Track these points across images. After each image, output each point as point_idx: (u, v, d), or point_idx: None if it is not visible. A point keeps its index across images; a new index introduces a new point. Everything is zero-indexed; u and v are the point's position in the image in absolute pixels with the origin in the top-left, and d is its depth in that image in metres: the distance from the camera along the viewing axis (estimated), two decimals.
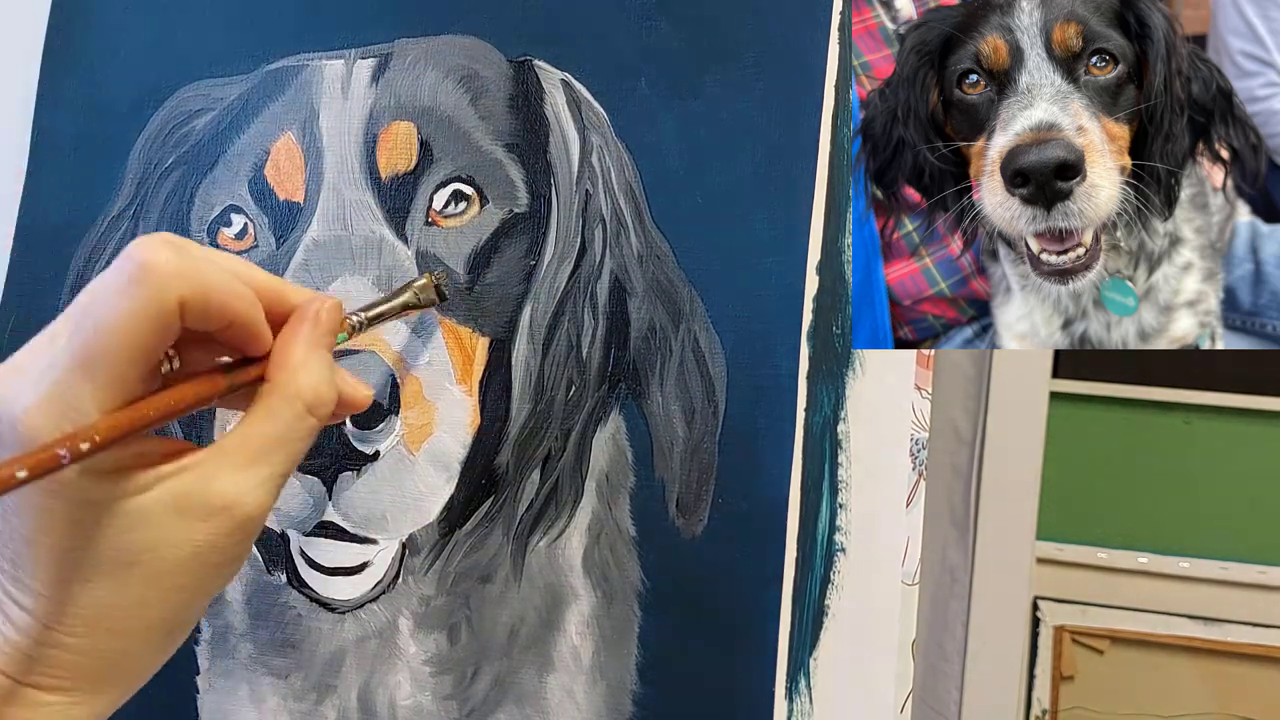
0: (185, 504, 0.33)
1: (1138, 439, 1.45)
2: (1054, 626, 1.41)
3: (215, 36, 0.61)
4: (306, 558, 0.55)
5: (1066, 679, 1.40)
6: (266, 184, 0.57)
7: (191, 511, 0.33)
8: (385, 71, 0.57)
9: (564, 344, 0.53)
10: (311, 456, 0.53)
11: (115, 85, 0.62)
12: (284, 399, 0.36)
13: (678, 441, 0.52)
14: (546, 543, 0.53)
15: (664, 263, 0.53)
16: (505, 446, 0.53)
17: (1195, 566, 1.41)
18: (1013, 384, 0.62)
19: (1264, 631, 1.37)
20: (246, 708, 0.56)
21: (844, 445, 0.51)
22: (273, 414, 0.35)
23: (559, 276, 0.53)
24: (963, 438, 0.63)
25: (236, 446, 0.34)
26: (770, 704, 0.50)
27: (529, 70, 0.55)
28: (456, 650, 0.54)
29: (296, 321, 0.37)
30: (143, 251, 0.32)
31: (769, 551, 0.50)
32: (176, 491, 0.33)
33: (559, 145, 0.54)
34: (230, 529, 0.33)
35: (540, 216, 0.54)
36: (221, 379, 0.36)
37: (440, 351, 0.54)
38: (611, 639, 0.52)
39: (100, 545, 0.32)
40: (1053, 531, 1.43)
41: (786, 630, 0.50)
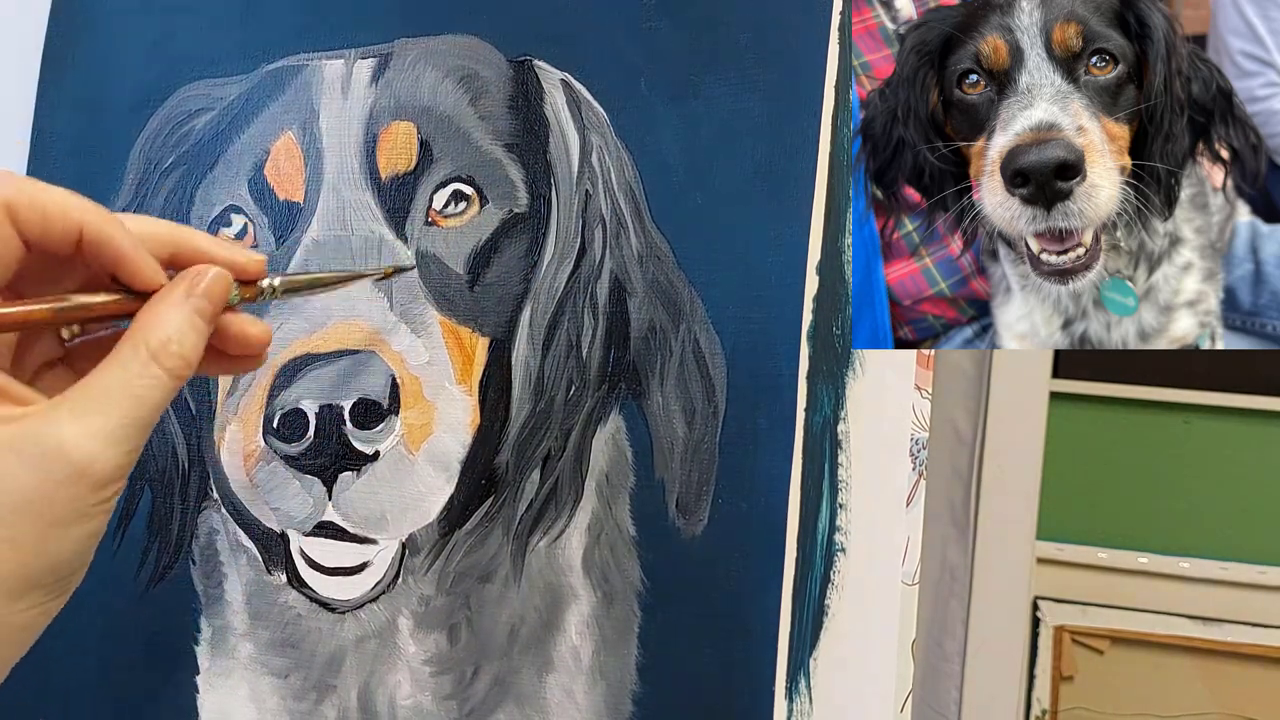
0: (19, 447, 0.32)
1: (1138, 439, 1.45)
2: (1054, 626, 1.41)
3: (215, 36, 0.61)
4: (306, 558, 0.55)
5: (1066, 679, 1.40)
6: (266, 184, 0.57)
7: (24, 455, 0.32)
8: (385, 71, 0.57)
9: (564, 344, 0.53)
10: (312, 456, 0.53)
11: (115, 85, 0.62)
12: (131, 346, 0.35)
13: (678, 441, 0.52)
14: (546, 543, 0.53)
15: (664, 263, 0.53)
16: (505, 446, 0.53)
17: (1195, 566, 1.41)
18: (1013, 384, 0.62)
19: (1263, 631, 1.37)
20: (246, 708, 0.56)
21: (844, 445, 0.51)
22: (119, 361, 0.35)
23: (559, 276, 0.53)
24: (963, 438, 0.63)
25: (77, 393, 0.34)
26: (770, 704, 0.50)
27: (529, 70, 0.55)
28: (456, 650, 0.54)
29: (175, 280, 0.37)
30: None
31: (769, 551, 0.50)
32: (13, 434, 0.32)
33: (559, 145, 0.54)
34: (65, 477, 0.32)
35: (540, 216, 0.54)
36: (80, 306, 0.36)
37: (440, 351, 0.54)
38: (611, 639, 0.52)
39: None
40: (1053, 531, 1.43)
41: (786, 630, 0.50)
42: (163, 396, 0.35)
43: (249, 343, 0.39)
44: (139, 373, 0.35)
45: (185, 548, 0.58)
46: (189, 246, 0.38)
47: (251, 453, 0.55)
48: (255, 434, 0.55)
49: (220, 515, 0.57)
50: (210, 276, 0.37)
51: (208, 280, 0.37)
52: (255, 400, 0.55)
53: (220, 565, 0.58)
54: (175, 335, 0.35)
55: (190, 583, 0.58)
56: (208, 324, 0.37)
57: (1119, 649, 1.41)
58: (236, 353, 0.40)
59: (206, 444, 0.58)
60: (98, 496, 0.33)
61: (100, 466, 0.33)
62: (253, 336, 0.40)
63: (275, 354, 0.54)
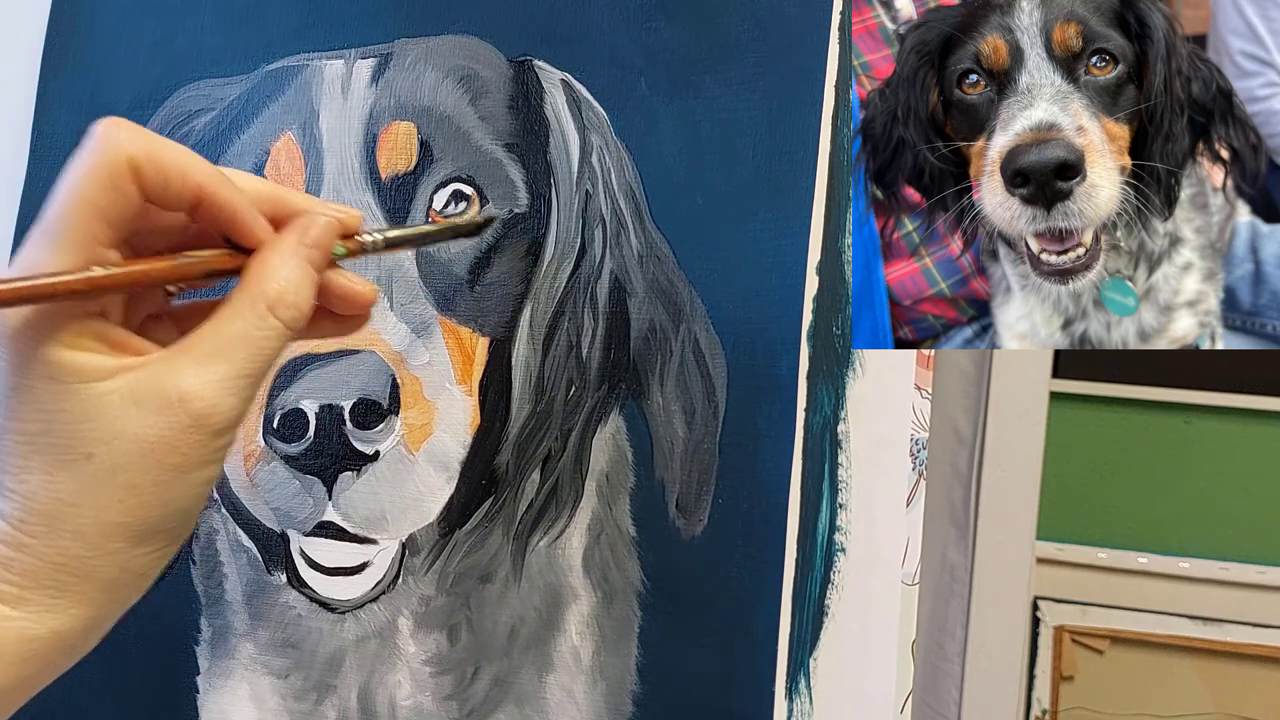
0: (141, 395, 0.33)
1: (1138, 439, 1.45)
2: (1054, 626, 1.41)
3: (215, 36, 0.61)
4: (307, 558, 0.55)
5: (1066, 679, 1.40)
6: None
7: (146, 403, 0.33)
8: (385, 71, 0.57)
9: (564, 344, 0.53)
10: (312, 456, 0.53)
11: (115, 85, 0.62)
12: (248, 298, 0.35)
13: (678, 441, 0.52)
14: (546, 543, 0.53)
15: (664, 263, 0.53)
16: (505, 446, 0.53)
17: (1195, 566, 1.41)
18: (1013, 384, 0.62)
19: (1263, 631, 1.36)
20: (246, 708, 0.56)
21: (844, 445, 0.51)
22: (236, 312, 0.35)
23: (559, 276, 0.53)
24: (963, 438, 0.63)
25: (196, 343, 0.34)
26: (770, 704, 0.50)
27: (529, 70, 0.55)
28: (456, 650, 0.54)
29: (284, 230, 0.37)
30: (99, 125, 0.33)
31: (769, 551, 0.50)
32: (134, 382, 0.33)
33: (559, 145, 0.54)
34: (186, 425, 0.33)
35: (540, 216, 0.54)
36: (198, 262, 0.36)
37: (440, 351, 0.54)
38: (611, 639, 0.52)
39: (61, 433, 0.32)
40: (1053, 531, 1.43)
41: (786, 630, 0.50)
42: (278, 347, 0.36)
43: (354, 299, 0.40)
44: (256, 324, 0.35)
45: (185, 548, 0.58)
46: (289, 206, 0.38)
47: (251, 453, 0.55)
48: (255, 434, 0.55)
49: (220, 515, 0.57)
50: (320, 225, 0.37)
51: (318, 229, 0.37)
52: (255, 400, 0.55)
53: (220, 565, 0.58)
54: (290, 286, 0.36)
55: (190, 583, 0.58)
56: (319, 273, 0.37)
57: (1119, 649, 1.40)
58: (342, 311, 0.40)
59: None
60: (216, 444, 0.34)
61: (220, 414, 0.34)
62: (358, 293, 0.40)
63: None
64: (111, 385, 0.33)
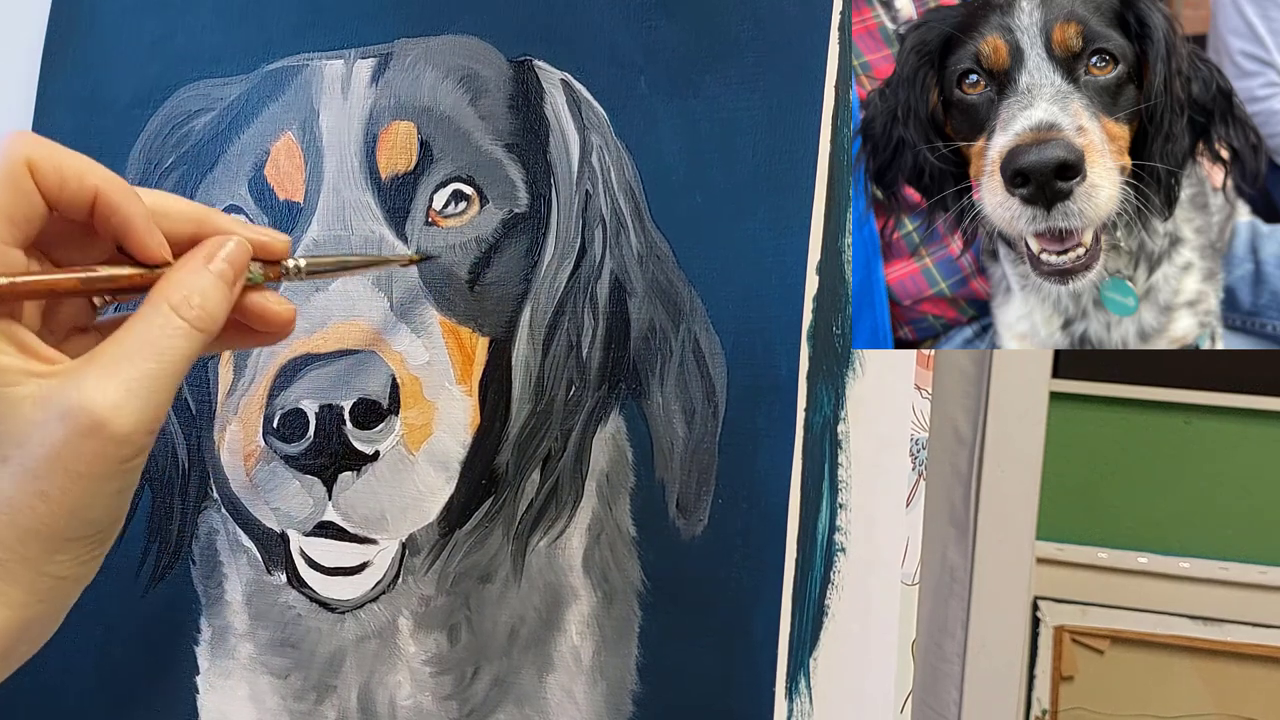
0: (47, 402, 0.33)
1: (1138, 439, 1.45)
2: (1054, 626, 1.41)
3: (215, 36, 0.61)
4: (306, 558, 0.55)
5: (1066, 679, 1.40)
6: (266, 184, 0.57)
7: (52, 409, 0.33)
8: (385, 71, 0.57)
9: (564, 344, 0.53)
10: (312, 456, 0.53)
11: (115, 85, 0.62)
12: (152, 303, 0.36)
13: (678, 442, 0.52)
14: (546, 543, 0.53)
15: (664, 263, 0.53)
16: (505, 446, 0.53)
17: (1195, 566, 1.41)
18: (1013, 384, 0.62)
19: (1264, 631, 1.36)
20: (246, 708, 0.56)
21: (844, 445, 0.51)
22: (140, 317, 0.36)
23: (559, 276, 0.53)
24: (963, 438, 0.63)
25: (100, 351, 0.35)
26: (770, 704, 0.50)
27: (529, 70, 0.55)
28: (456, 650, 0.54)
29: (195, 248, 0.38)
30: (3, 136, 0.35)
31: (769, 551, 0.50)
32: (43, 389, 0.34)
33: (559, 145, 0.54)
34: (86, 431, 0.33)
35: (540, 216, 0.54)
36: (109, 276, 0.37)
37: (440, 351, 0.54)
38: (611, 639, 0.52)
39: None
40: (1053, 531, 1.43)
41: (786, 630, 0.50)
42: (185, 347, 0.36)
43: (272, 319, 0.40)
44: (159, 325, 0.36)
45: (185, 548, 0.58)
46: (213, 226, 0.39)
47: (251, 453, 0.55)
48: (255, 434, 0.55)
49: (220, 515, 0.57)
50: (230, 244, 0.38)
51: (228, 248, 0.38)
52: (255, 400, 0.55)
53: (220, 565, 0.58)
54: (195, 290, 0.37)
55: (190, 583, 0.58)
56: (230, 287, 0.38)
57: (1119, 649, 1.40)
58: (260, 329, 0.41)
59: (206, 444, 0.58)
60: (122, 453, 0.34)
61: (122, 419, 0.34)
62: (277, 313, 0.41)
63: (275, 354, 0.54)
64: (24, 390, 0.33)
